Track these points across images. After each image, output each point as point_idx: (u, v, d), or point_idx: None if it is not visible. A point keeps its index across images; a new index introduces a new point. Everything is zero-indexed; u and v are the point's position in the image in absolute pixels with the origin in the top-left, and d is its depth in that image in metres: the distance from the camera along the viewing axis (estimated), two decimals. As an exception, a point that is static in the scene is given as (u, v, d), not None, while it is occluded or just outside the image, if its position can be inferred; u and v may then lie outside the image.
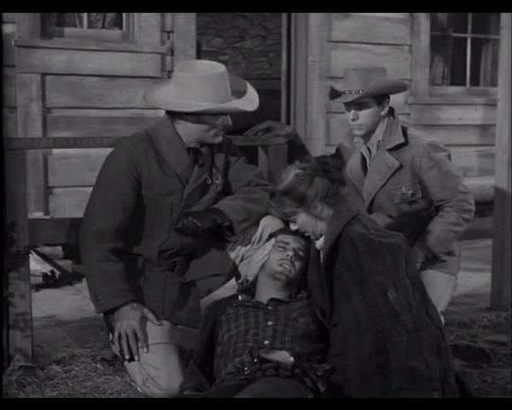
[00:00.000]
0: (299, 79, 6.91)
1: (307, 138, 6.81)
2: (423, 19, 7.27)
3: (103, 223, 3.33)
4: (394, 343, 2.86)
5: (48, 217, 5.70)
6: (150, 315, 3.34)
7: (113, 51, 6.14)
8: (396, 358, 2.84)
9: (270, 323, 3.17)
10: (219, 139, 3.46)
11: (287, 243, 3.34)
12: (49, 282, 5.33)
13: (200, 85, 3.34)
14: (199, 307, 3.54)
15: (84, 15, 6.18)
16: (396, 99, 6.88)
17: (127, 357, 3.29)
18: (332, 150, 6.65)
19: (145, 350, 3.28)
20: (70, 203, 5.97)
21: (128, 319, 3.28)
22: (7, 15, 5.70)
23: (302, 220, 3.20)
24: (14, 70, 5.80)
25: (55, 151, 5.93)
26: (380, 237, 3.03)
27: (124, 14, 6.23)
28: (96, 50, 6.07)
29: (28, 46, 5.84)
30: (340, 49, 6.94)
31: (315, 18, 6.76)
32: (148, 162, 3.39)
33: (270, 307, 3.25)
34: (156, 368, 3.27)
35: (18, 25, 5.80)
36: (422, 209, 3.82)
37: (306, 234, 3.25)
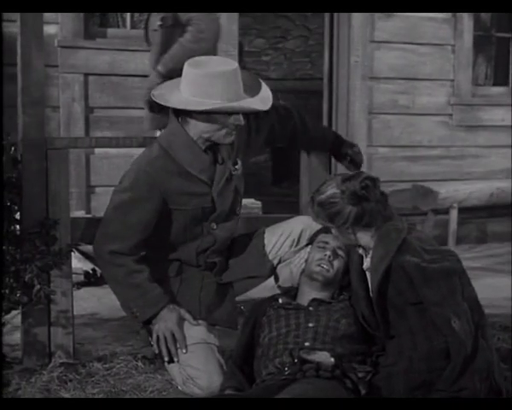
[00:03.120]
0: (341, 79, 6.85)
1: (349, 139, 6.40)
2: (466, 18, 7.18)
3: (120, 244, 3.28)
4: (452, 364, 2.88)
5: (89, 216, 5.73)
6: (187, 315, 3.33)
7: (156, 51, 6.13)
8: (448, 379, 2.86)
9: (311, 324, 3.15)
10: (231, 139, 3.32)
11: (326, 243, 3.32)
12: (91, 280, 5.36)
13: (210, 83, 3.19)
14: (235, 308, 3.53)
15: (127, 16, 6.20)
16: (438, 100, 7.13)
17: (166, 359, 3.29)
18: (374, 151, 6.99)
19: (184, 351, 3.27)
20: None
21: (165, 321, 3.27)
22: (50, 16, 5.66)
23: (335, 233, 3.19)
24: (57, 70, 5.84)
25: (97, 151, 5.96)
26: (433, 262, 2.98)
27: (167, 15, 6.23)
28: (138, 51, 6.00)
29: (71, 46, 5.88)
30: (383, 50, 6.88)
31: (357, 18, 6.72)
32: (169, 179, 3.29)
33: (311, 309, 3.23)
34: (196, 368, 3.27)
35: (61, 25, 5.85)
36: None
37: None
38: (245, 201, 3.86)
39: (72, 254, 3.79)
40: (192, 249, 3.43)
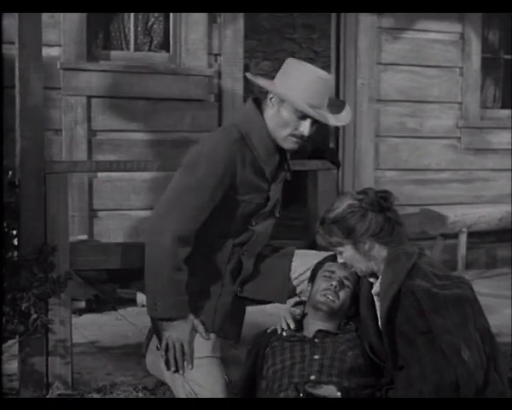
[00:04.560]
0: (348, 102, 6.61)
1: (356, 162, 6.74)
2: (474, 41, 7.16)
3: (186, 226, 3.12)
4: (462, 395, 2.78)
5: (92, 241, 5.65)
6: (200, 327, 3.21)
7: (160, 74, 6.09)
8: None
9: (316, 357, 3.04)
10: (291, 145, 3.26)
11: (332, 272, 3.22)
12: (93, 306, 5.26)
13: (303, 79, 3.17)
14: (242, 323, 3.44)
15: (131, 38, 6.15)
16: (446, 123, 7.09)
17: (173, 369, 3.18)
18: (381, 174, 6.94)
19: (190, 367, 3.16)
20: (114, 227, 5.94)
21: (177, 331, 3.14)
22: (52, 38, 5.68)
23: (348, 254, 3.06)
24: (60, 93, 5.78)
25: (100, 174, 5.88)
26: (444, 288, 2.88)
27: (171, 37, 6.20)
28: (142, 73, 6.02)
29: (74, 69, 5.82)
30: (390, 72, 6.85)
31: (364, 40, 6.69)
32: (243, 166, 3.21)
33: (316, 340, 3.13)
34: (199, 384, 3.17)
35: (64, 48, 5.78)
36: None
37: (353, 269, 3.12)
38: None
39: (75, 279, 3.70)
40: (229, 244, 3.31)
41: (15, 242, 3.55)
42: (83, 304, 5.22)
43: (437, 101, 7.05)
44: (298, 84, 3.16)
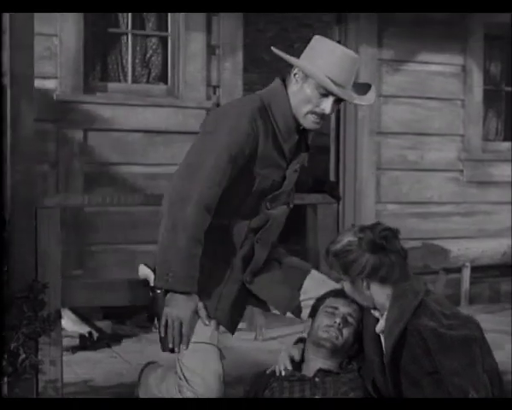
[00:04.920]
0: (348, 134, 6.76)
1: (357, 195, 6.67)
2: (476, 73, 7.14)
3: (211, 192, 2.98)
4: None
5: (86, 277, 5.55)
6: (202, 311, 3.09)
7: (158, 106, 6.03)
8: None
9: (317, 397, 2.92)
10: (311, 124, 3.16)
11: (335, 308, 3.11)
12: (87, 344, 5.14)
13: (328, 56, 3.07)
14: (242, 314, 3.33)
15: (129, 70, 6.10)
16: (448, 155, 7.04)
17: (170, 346, 3.05)
18: (382, 208, 6.88)
19: (184, 348, 3.05)
20: (111, 262, 5.83)
21: (179, 308, 3.00)
22: (48, 70, 5.66)
23: (348, 288, 3.02)
24: (56, 125, 5.72)
25: (96, 207, 5.75)
26: (452, 328, 2.78)
27: (169, 69, 6.15)
28: (140, 105, 5.96)
29: (70, 101, 5.76)
30: (391, 104, 6.81)
31: (364, 72, 6.62)
32: (266, 134, 3.11)
33: (317, 379, 3.02)
34: (192, 370, 3.08)
35: (60, 80, 5.73)
36: None
37: (356, 306, 3.03)
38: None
39: (68, 315, 3.58)
40: (244, 227, 3.19)
41: (5, 278, 3.44)
42: (76, 341, 5.10)
43: (438, 133, 7.01)
44: (322, 59, 3.08)
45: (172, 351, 3.07)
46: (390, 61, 6.77)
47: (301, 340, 3.31)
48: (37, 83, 5.46)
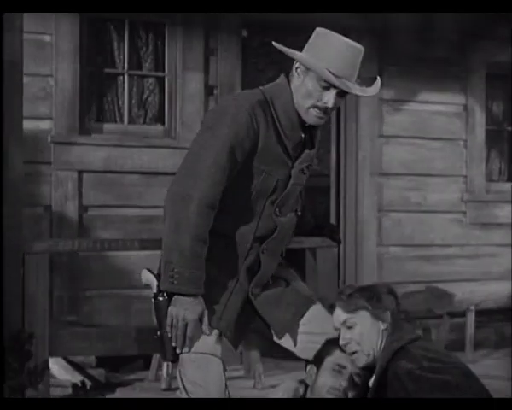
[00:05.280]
0: (349, 175, 6.70)
1: (358, 238, 6.59)
2: (478, 112, 7.10)
3: (213, 190, 2.91)
4: None
5: (77, 325, 5.41)
6: (205, 319, 2.96)
7: (155, 147, 5.94)
8: None
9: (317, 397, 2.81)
10: (314, 119, 3.05)
11: (343, 367, 2.96)
12: (80, 393, 4.99)
13: (329, 48, 2.99)
14: (246, 332, 3.20)
15: (125, 111, 6.02)
16: (451, 196, 6.94)
17: (172, 353, 2.95)
18: (384, 250, 6.81)
19: (186, 350, 2.93)
20: (106, 307, 5.71)
21: (186, 309, 2.89)
22: (43, 111, 5.60)
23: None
24: (50, 168, 5.64)
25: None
26: (433, 371, 2.67)
27: (166, 110, 6.08)
28: (136, 147, 5.88)
29: (65, 142, 5.68)
30: (392, 144, 6.74)
31: (365, 112, 6.60)
32: (267, 129, 3.01)
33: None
34: (193, 382, 2.97)
35: (55, 121, 5.66)
36: None
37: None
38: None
39: (59, 363, 3.44)
40: (249, 232, 3.08)
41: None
42: (69, 391, 4.96)
43: (441, 174, 6.95)
44: (322, 52, 2.99)
45: (174, 360, 2.98)
46: (391, 101, 6.73)
47: (302, 382, 3.19)
48: (32, 124, 5.56)
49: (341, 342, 2.99)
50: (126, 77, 6.01)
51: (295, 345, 3.23)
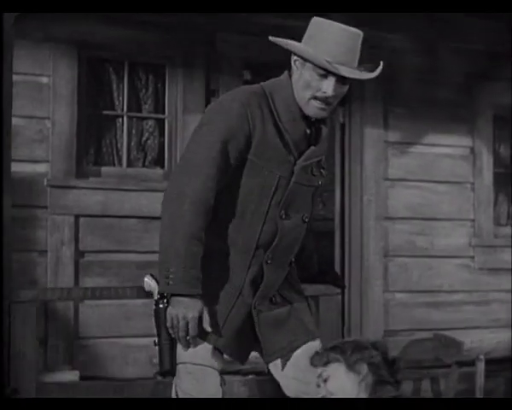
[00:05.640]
0: (353, 219, 6.60)
1: (363, 284, 6.46)
2: (485, 155, 7.03)
3: (206, 185, 2.84)
4: None
5: (69, 380, 5.24)
6: (206, 315, 2.85)
7: (153, 191, 5.79)
8: None
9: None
10: (315, 111, 2.95)
11: None
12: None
13: (323, 34, 2.91)
14: (251, 347, 3.08)
15: (124, 154, 5.92)
16: (458, 241, 6.82)
17: (184, 344, 2.85)
18: (391, 297, 6.70)
19: (192, 347, 2.85)
20: (103, 356, 5.55)
21: (185, 308, 2.80)
22: (39, 154, 5.53)
23: None
24: (46, 212, 5.54)
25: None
26: None
27: (166, 153, 5.98)
28: (134, 190, 5.78)
29: (62, 186, 5.58)
30: (398, 188, 6.66)
31: (370, 155, 6.52)
32: (263, 120, 2.92)
33: None
34: (188, 394, 2.91)
35: (51, 164, 5.57)
36: None
37: None
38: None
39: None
40: (252, 238, 2.96)
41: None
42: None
43: (448, 218, 6.85)
44: (318, 39, 2.91)
45: (171, 372, 2.90)
46: (396, 144, 6.66)
47: None
48: (28, 167, 5.51)
49: (318, 395, 2.87)
50: (125, 119, 5.93)
51: (281, 377, 3.13)
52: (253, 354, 3.09)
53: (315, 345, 3.11)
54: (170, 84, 5.95)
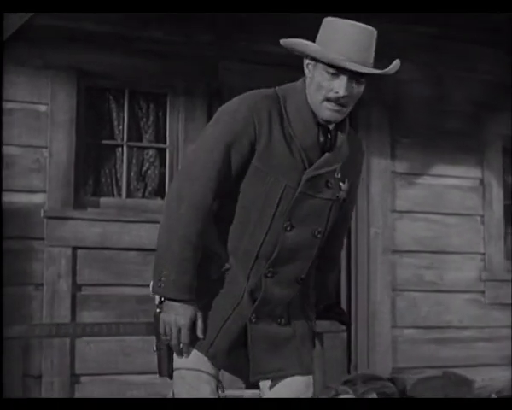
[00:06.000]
0: (360, 252, 6.52)
1: (370, 320, 6.36)
2: (495, 187, 6.98)
3: (205, 189, 2.75)
4: None
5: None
6: (200, 322, 2.76)
7: (154, 223, 5.62)
8: None
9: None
10: (328, 113, 2.81)
11: None
12: None
13: (333, 33, 2.79)
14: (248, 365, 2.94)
15: (123, 184, 5.82)
16: (468, 275, 6.72)
17: (180, 348, 2.77)
18: (399, 333, 6.51)
19: (185, 356, 2.76)
20: (99, 394, 5.39)
21: (177, 314, 2.73)
22: (36, 184, 5.44)
23: None
24: (43, 244, 5.42)
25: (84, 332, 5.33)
26: None
27: (167, 183, 5.87)
28: (134, 222, 5.66)
29: (59, 217, 5.47)
30: (406, 220, 6.58)
31: (377, 186, 6.47)
32: (270, 124, 2.81)
33: None
34: None
35: (48, 194, 5.47)
36: None
37: None
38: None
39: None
40: (252, 248, 2.83)
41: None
42: None
43: (457, 251, 6.78)
44: (329, 38, 2.79)
45: (170, 376, 2.81)
46: (404, 174, 6.61)
47: None
48: (25, 197, 5.43)
49: None
50: (125, 148, 5.85)
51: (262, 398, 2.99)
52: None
53: (303, 380, 2.97)
54: (171, 112, 5.88)
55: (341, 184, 2.94)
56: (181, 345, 2.73)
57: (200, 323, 2.76)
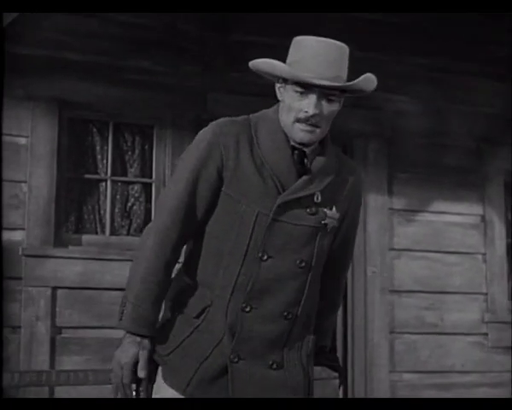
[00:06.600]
0: (357, 292, 6.38)
1: (368, 364, 6.19)
2: (497, 224, 6.83)
3: (167, 219, 2.70)
4: None
5: None
6: (143, 362, 2.64)
7: (139, 261, 5.47)
8: None
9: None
10: (300, 135, 2.73)
11: None
12: None
13: (299, 51, 2.74)
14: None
15: (107, 221, 5.67)
16: (470, 317, 6.51)
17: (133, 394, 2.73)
18: (397, 378, 6.30)
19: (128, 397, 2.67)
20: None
21: (122, 352, 2.66)
22: (14, 221, 5.28)
23: None
24: (20, 283, 5.26)
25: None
26: None
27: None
28: (117, 260, 5.47)
29: (38, 256, 5.31)
30: (405, 259, 6.45)
31: (374, 223, 6.34)
32: (237, 149, 2.75)
33: None
34: None
35: (27, 231, 5.31)
36: None
37: None
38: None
39: None
40: (230, 278, 2.70)
41: None
42: None
43: (459, 291, 6.62)
44: (296, 57, 2.75)
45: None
46: (402, 211, 6.49)
47: None
48: (2, 235, 5.18)
49: None
50: (109, 183, 5.71)
51: None
52: None
53: None
54: (158, 145, 5.75)
55: (326, 210, 2.80)
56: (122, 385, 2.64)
57: (141, 361, 2.64)
